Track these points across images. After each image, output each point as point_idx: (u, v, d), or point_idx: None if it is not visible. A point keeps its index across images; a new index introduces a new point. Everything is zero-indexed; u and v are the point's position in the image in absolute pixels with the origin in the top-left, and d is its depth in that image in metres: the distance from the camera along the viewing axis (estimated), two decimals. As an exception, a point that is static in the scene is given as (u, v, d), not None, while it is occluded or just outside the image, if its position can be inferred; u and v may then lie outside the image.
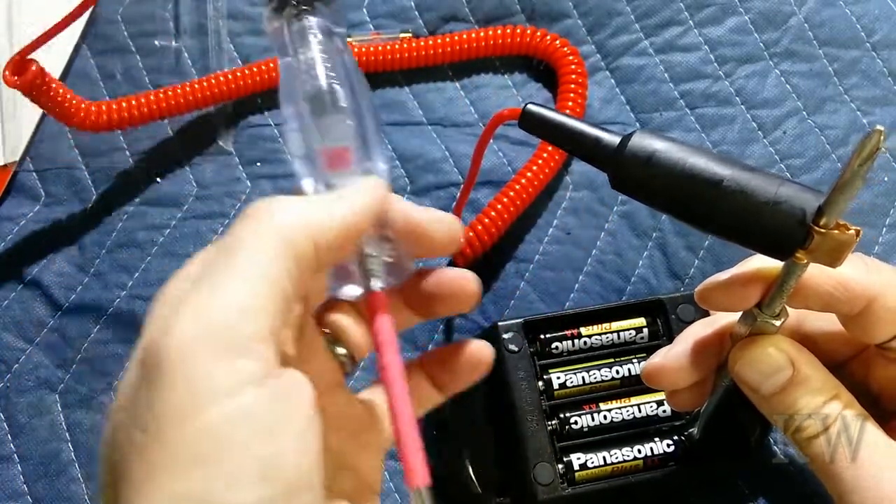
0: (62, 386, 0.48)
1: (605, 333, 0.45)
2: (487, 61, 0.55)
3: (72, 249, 0.51)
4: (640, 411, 0.43)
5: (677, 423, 0.43)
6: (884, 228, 0.51)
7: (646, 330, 0.45)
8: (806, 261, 0.28)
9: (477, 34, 0.54)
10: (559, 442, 0.42)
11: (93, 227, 0.51)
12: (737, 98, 0.54)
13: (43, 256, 0.51)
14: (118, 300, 0.49)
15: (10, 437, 0.47)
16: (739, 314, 0.33)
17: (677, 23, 0.56)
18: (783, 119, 0.54)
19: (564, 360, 0.44)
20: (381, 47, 0.54)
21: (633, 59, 0.55)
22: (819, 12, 0.56)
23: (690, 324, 0.37)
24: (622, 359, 0.44)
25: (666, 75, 0.55)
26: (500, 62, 0.55)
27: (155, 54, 0.55)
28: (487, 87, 0.55)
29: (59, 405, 0.47)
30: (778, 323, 0.32)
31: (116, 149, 0.53)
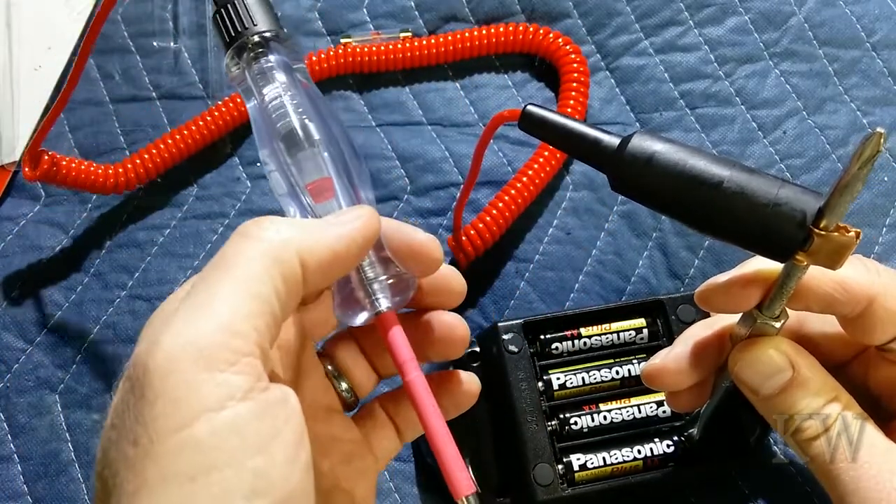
0: (62, 386, 0.48)
1: (605, 334, 0.45)
2: (488, 61, 0.55)
3: (72, 250, 0.51)
4: (639, 412, 0.43)
5: (677, 424, 0.43)
6: (883, 228, 0.51)
7: (646, 330, 0.45)
8: (806, 263, 0.28)
9: (479, 32, 0.54)
10: (559, 442, 0.42)
11: (93, 228, 0.51)
12: (737, 98, 0.54)
13: (43, 256, 0.51)
14: (118, 300, 0.49)
15: (10, 437, 0.47)
16: (739, 316, 0.33)
17: (677, 23, 0.56)
18: (783, 119, 0.54)
19: (564, 361, 0.44)
20: (383, 47, 0.54)
21: (633, 59, 0.55)
22: (819, 12, 0.56)
23: (690, 324, 0.37)
24: (622, 359, 0.44)
25: (666, 75, 0.55)
26: (501, 62, 0.55)
27: (154, 55, 0.55)
28: (487, 86, 0.55)
29: (58, 405, 0.47)
30: (778, 325, 0.32)
31: (116, 149, 0.53)
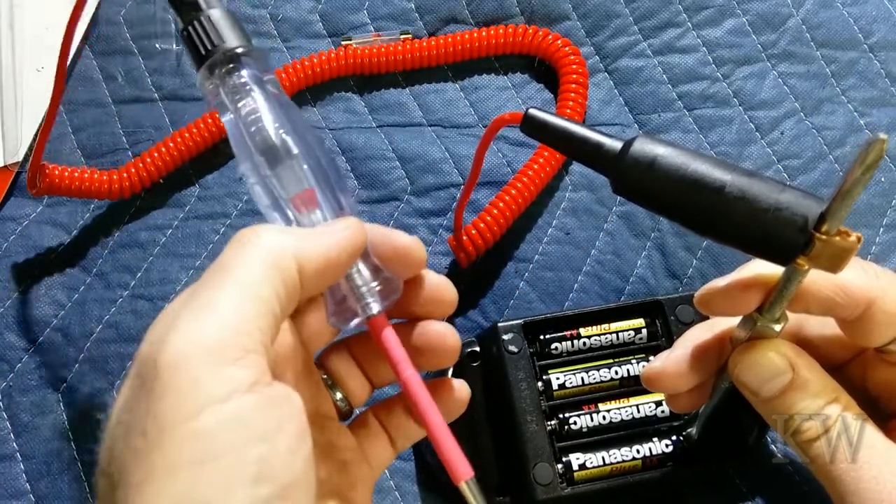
0: (64, 385, 0.48)
1: (605, 334, 0.45)
2: (487, 62, 0.55)
3: (74, 250, 0.51)
4: (638, 411, 0.43)
5: (676, 424, 0.43)
6: (881, 229, 0.51)
7: (644, 331, 0.45)
8: (807, 267, 0.28)
9: (479, 34, 0.54)
10: (558, 442, 0.43)
11: (95, 228, 0.51)
12: (735, 99, 0.54)
13: (45, 257, 0.51)
14: (120, 300, 0.50)
15: (12, 435, 0.47)
16: (739, 318, 0.33)
17: (676, 24, 0.56)
18: (781, 120, 0.54)
19: (564, 361, 0.44)
20: (383, 48, 0.54)
21: (631, 61, 0.55)
22: (817, 14, 0.56)
23: (689, 325, 0.37)
24: (621, 359, 0.44)
25: (664, 77, 0.55)
26: (500, 63, 0.55)
27: (156, 56, 0.55)
28: (487, 88, 0.55)
29: (61, 404, 0.48)
30: (778, 327, 0.32)
31: (118, 149, 0.53)
